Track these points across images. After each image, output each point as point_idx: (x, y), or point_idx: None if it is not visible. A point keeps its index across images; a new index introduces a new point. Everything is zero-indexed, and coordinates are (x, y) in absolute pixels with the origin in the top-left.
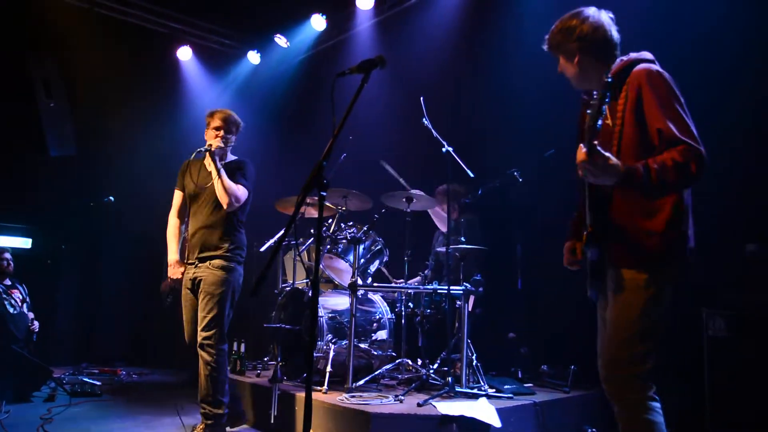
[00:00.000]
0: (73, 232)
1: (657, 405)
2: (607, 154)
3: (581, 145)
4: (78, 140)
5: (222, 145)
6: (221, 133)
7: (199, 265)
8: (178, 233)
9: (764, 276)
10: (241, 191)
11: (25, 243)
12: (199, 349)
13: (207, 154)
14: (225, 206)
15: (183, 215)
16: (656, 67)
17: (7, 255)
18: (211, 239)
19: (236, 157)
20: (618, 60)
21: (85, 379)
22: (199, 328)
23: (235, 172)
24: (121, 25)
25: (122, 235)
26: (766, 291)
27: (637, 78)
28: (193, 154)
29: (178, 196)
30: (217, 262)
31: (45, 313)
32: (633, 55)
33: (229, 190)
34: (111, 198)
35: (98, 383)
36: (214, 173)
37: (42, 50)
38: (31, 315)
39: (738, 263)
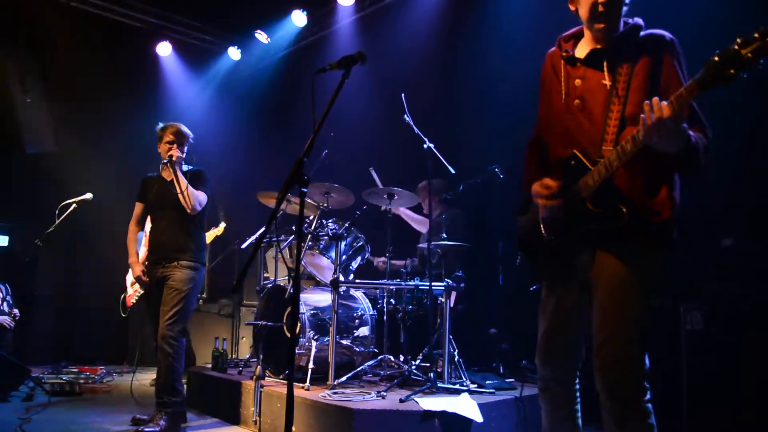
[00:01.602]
0: (51, 229)
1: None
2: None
3: (658, 100)
4: (56, 136)
5: (182, 155)
6: (174, 146)
7: (167, 265)
8: (135, 239)
9: (739, 269)
10: (203, 197)
11: (2, 241)
12: (160, 340)
13: (168, 164)
14: (189, 211)
15: (142, 224)
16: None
17: None
18: (177, 243)
19: (190, 167)
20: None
21: (64, 378)
22: (161, 321)
23: (194, 180)
24: (99, 19)
25: (101, 233)
26: (742, 284)
27: (659, 43)
28: (161, 166)
29: (138, 207)
30: (184, 263)
31: (23, 311)
32: (637, 20)
33: (192, 196)
34: (90, 195)
35: (78, 382)
36: (177, 182)
37: (18, 44)
38: (7, 318)
39: (714, 257)
